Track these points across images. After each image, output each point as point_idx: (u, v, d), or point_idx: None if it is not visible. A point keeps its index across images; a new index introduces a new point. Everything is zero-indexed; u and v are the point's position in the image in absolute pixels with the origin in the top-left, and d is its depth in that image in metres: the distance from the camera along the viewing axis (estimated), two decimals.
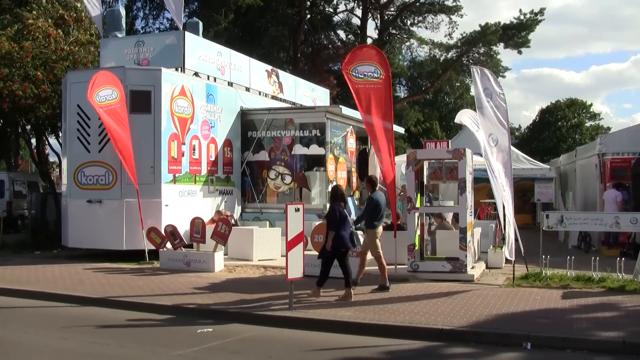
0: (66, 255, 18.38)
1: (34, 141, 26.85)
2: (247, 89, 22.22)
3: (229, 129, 20.29)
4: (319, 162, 20.69)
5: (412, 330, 10.04)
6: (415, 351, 9.38)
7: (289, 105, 24.56)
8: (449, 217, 17.81)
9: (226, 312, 11.39)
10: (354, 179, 23.25)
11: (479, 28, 43.28)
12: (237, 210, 20.51)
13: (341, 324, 10.48)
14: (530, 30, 43.62)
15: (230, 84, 21.22)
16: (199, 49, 19.90)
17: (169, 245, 16.35)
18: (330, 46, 47.77)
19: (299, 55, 44.95)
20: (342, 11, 49.40)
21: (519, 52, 45.40)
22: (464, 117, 18.25)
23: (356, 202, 22.97)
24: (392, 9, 48.19)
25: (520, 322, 10.29)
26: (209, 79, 20.01)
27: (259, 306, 11.66)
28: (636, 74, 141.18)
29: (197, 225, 16.20)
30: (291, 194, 20.52)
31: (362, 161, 24.75)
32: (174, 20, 21.79)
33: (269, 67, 24.41)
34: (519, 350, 9.26)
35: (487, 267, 15.92)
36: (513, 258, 14.06)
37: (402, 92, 54.84)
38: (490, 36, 42.65)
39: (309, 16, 46.23)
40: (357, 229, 13.60)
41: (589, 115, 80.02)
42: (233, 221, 18.38)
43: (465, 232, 14.07)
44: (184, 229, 16.81)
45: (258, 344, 9.82)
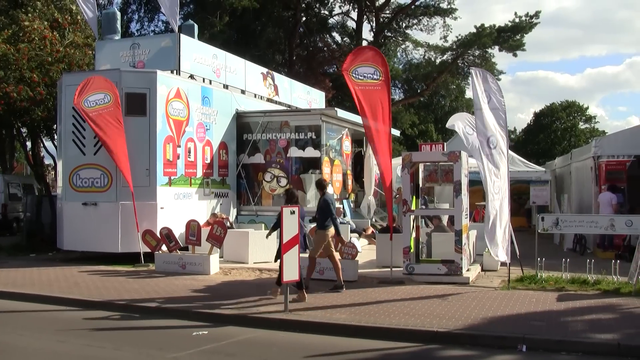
0: (61, 258, 18.35)
1: (29, 144, 26.82)
2: (243, 92, 22.23)
3: (224, 132, 20.29)
4: (314, 164, 20.70)
5: (407, 332, 10.05)
6: (410, 354, 9.39)
7: (285, 108, 24.58)
8: (445, 219, 17.83)
9: (221, 315, 11.39)
10: (349, 182, 23.28)
11: (474, 31, 43.32)
12: (233, 212, 20.50)
13: (337, 326, 10.48)
14: (525, 33, 43.64)
15: (226, 86, 21.22)
16: (195, 51, 19.89)
17: (164, 247, 16.33)
18: (325, 49, 47.80)
19: (294, 57, 44.93)
20: (338, 14, 49.46)
21: (514, 55, 45.43)
22: (456, 122, 18.25)
23: (351, 204, 23.00)
24: (387, 11, 48.20)
25: (515, 324, 10.31)
26: (204, 81, 20.01)
27: (255, 309, 11.65)
28: (631, 77, 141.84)
29: (192, 227, 16.18)
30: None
31: (358, 164, 24.78)
32: (169, 22, 21.78)
33: (264, 70, 24.42)
34: (514, 353, 9.27)
35: (482, 270, 15.94)
36: (507, 260, 14.06)
37: (397, 95, 54.85)
38: (485, 39, 42.67)
39: (304, 19, 46.19)
40: (352, 231, 13.63)
41: (584, 118, 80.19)
42: (228, 224, 18.37)
43: (460, 235, 14.09)
44: (179, 231, 16.79)
45: (253, 346, 9.82)
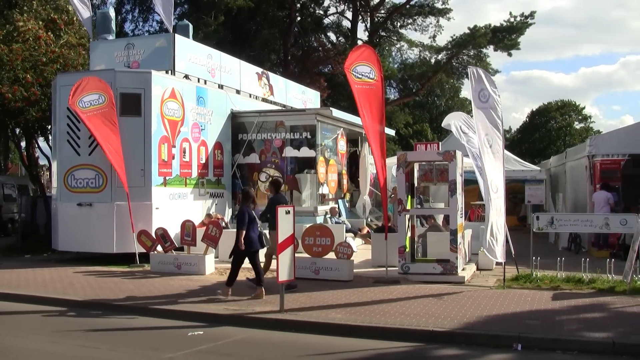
0: (56, 259, 18.32)
1: (23, 144, 26.73)
2: (238, 92, 22.22)
3: (219, 132, 20.28)
4: (309, 164, 20.72)
5: (403, 332, 10.05)
6: (406, 353, 9.38)
7: (280, 108, 24.58)
8: (440, 219, 17.85)
9: (217, 315, 11.37)
10: (344, 181, 23.28)
11: (468, 30, 43.37)
12: (228, 212, 20.50)
13: (332, 326, 10.48)
14: (520, 33, 43.68)
15: (221, 86, 21.21)
16: (189, 51, 19.87)
17: (159, 248, 16.30)
18: (320, 48, 47.84)
19: (289, 57, 44.95)
20: (333, 13, 49.48)
21: (509, 55, 45.46)
22: (451, 122, 18.25)
23: (347, 204, 22.99)
24: (382, 11, 48.26)
25: (510, 323, 10.32)
26: (199, 81, 19.99)
27: (250, 308, 11.64)
28: (625, 76, 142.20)
29: (187, 228, 16.15)
30: None
31: (353, 163, 24.79)
32: (163, 22, 21.74)
33: (259, 70, 24.42)
34: (509, 352, 9.28)
35: (477, 269, 15.94)
36: (503, 260, 14.08)
37: (392, 94, 54.94)
38: (480, 39, 42.71)
39: (299, 18, 46.23)
40: (347, 230, 13.64)
41: (579, 118, 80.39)
42: (224, 224, 18.34)
43: (456, 234, 14.09)
44: (174, 231, 16.76)
45: (249, 346, 9.82)
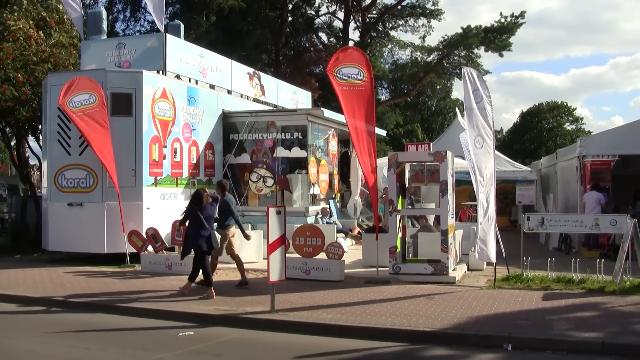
0: (47, 259, 18.26)
1: (13, 144, 26.63)
2: (229, 92, 22.20)
3: (210, 132, 20.26)
4: (300, 164, 20.72)
5: (393, 332, 10.06)
6: (396, 353, 9.39)
7: (271, 108, 24.57)
8: (431, 219, 17.87)
9: (207, 315, 11.37)
10: (335, 182, 23.29)
11: (459, 31, 43.47)
12: None
13: (323, 326, 10.48)
14: (511, 33, 43.79)
15: (212, 86, 21.19)
16: (181, 51, 19.84)
17: (150, 248, 16.27)
18: (312, 49, 47.83)
19: (280, 57, 44.95)
20: (324, 14, 49.48)
21: (500, 55, 45.54)
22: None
23: (338, 204, 23.00)
24: (373, 11, 48.31)
25: (501, 323, 10.34)
26: (190, 81, 19.96)
27: (241, 309, 11.63)
28: (614, 77, 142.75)
29: (178, 228, 16.13)
30: (273, 197, 20.53)
31: (344, 164, 24.79)
32: (155, 22, 21.71)
33: (250, 70, 24.40)
34: (500, 352, 9.30)
35: (468, 269, 15.98)
36: (494, 260, 14.12)
37: (383, 95, 54.99)
38: (471, 39, 42.80)
39: (290, 19, 46.23)
40: (338, 231, 13.65)
41: (570, 119, 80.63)
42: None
43: (446, 235, 14.12)
44: (165, 232, 16.74)
45: (240, 347, 9.82)
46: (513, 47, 44.44)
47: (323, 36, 51.13)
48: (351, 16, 47.74)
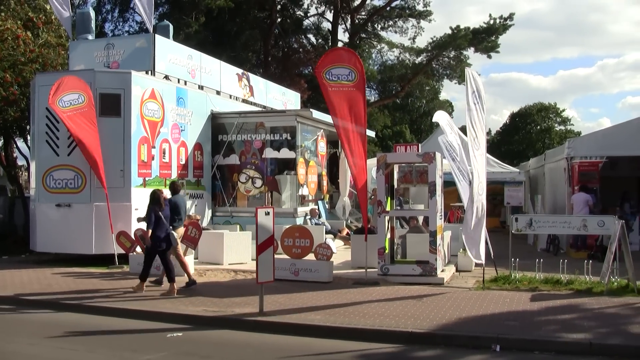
0: (34, 260, 18.19)
1: (1, 144, 26.52)
2: (218, 93, 22.17)
3: (199, 133, 20.23)
4: (289, 165, 20.71)
5: (382, 333, 10.08)
6: (385, 354, 9.41)
7: (260, 109, 24.55)
8: (420, 220, 17.89)
9: (196, 317, 11.35)
10: (324, 183, 23.29)
11: (448, 32, 43.54)
12: (208, 214, 20.45)
13: (311, 327, 10.49)
14: (499, 34, 43.90)
15: (201, 87, 21.16)
16: (170, 52, 19.81)
17: (138, 249, 16.21)
18: (300, 50, 47.80)
19: (269, 58, 44.89)
20: (313, 15, 49.45)
21: (489, 57, 45.59)
22: (441, 118, 18.27)
23: (327, 205, 23.00)
24: (362, 13, 48.32)
25: (489, 324, 10.37)
26: (179, 82, 19.93)
27: (230, 310, 11.62)
28: (602, 79, 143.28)
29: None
30: (262, 198, 20.51)
31: (333, 165, 24.80)
32: (143, 23, 21.66)
33: (239, 71, 24.37)
34: (488, 353, 9.33)
35: (457, 270, 16.02)
36: (483, 261, 14.16)
37: (372, 96, 54.99)
38: (460, 40, 42.86)
39: (279, 20, 46.18)
40: (327, 232, 13.66)
41: (559, 120, 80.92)
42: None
43: (435, 236, 14.14)
44: None
45: (228, 348, 9.81)
46: (501, 49, 44.57)
47: (312, 37, 51.16)
48: (340, 17, 47.74)
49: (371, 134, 28.52)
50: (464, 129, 15.53)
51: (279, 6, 45.61)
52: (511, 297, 12.58)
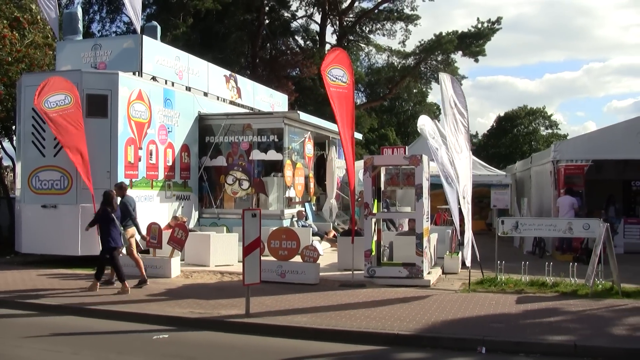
0: (20, 261, 18.09)
1: None
2: (205, 94, 22.13)
3: (186, 134, 20.19)
4: (276, 167, 20.71)
5: (368, 335, 10.09)
6: (371, 356, 9.42)
7: (247, 111, 24.52)
8: (406, 222, 17.94)
9: (182, 318, 11.33)
10: (311, 185, 23.30)
11: (436, 36, 43.71)
12: (195, 215, 20.41)
13: (298, 329, 10.49)
14: (487, 39, 44.19)
15: (188, 88, 21.11)
16: (157, 53, 19.76)
17: (124, 251, 16.16)
18: (288, 52, 47.79)
19: (257, 60, 44.89)
20: (301, 17, 49.52)
21: (476, 60, 45.92)
22: (424, 123, 18.35)
23: (313, 207, 23.01)
24: (350, 15, 48.42)
25: (475, 326, 10.40)
26: (166, 83, 19.88)
27: (216, 312, 11.61)
28: (588, 83, 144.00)
29: (153, 230, 16.06)
30: (249, 200, 20.49)
31: (320, 167, 24.81)
32: (131, 23, 21.61)
33: (227, 72, 24.34)
34: (473, 355, 9.37)
35: (443, 273, 16.06)
36: (469, 263, 14.21)
37: (360, 99, 55.08)
38: (447, 44, 43.09)
39: (267, 22, 46.19)
40: (314, 234, 13.67)
41: (547, 123, 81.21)
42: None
43: (421, 238, 14.17)
44: None
45: (214, 350, 9.79)
46: (488, 52, 45.03)
47: (300, 39, 51.21)
48: (328, 19, 47.85)
49: (358, 136, 28.57)
50: None
51: (267, 8, 45.62)
52: (497, 300, 12.63)
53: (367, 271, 14.41)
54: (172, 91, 19.71)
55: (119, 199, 14.72)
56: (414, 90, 60.96)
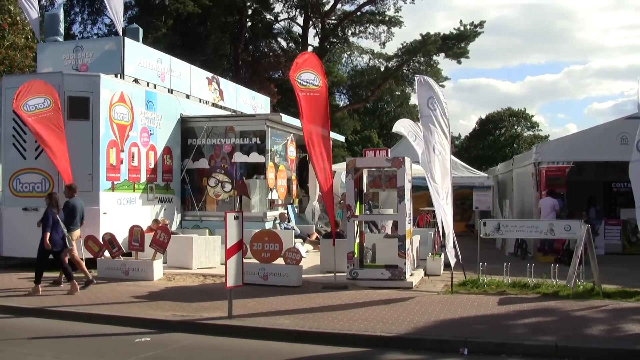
0: (1, 265, 17.96)
1: None
2: (188, 96, 22.08)
3: (168, 137, 20.13)
4: (259, 170, 20.68)
5: (351, 337, 10.10)
6: (354, 358, 9.44)
7: (230, 113, 24.48)
8: (389, 225, 17.96)
9: (164, 321, 11.28)
10: (294, 187, 23.29)
11: (418, 38, 43.91)
12: (177, 218, 20.36)
13: (280, 331, 10.48)
14: (469, 41, 44.36)
15: (171, 91, 21.05)
16: (139, 55, 19.69)
17: (107, 253, 16.10)
18: (271, 54, 47.82)
19: (240, 62, 44.87)
20: (284, 19, 49.54)
21: (459, 62, 46.14)
22: (403, 126, 18.44)
23: (296, 210, 23.00)
24: (333, 17, 48.48)
25: (457, 328, 10.44)
26: (148, 85, 19.81)
27: (198, 315, 11.58)
28: (569, 85, 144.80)
29: (135, 233, 16.02)
30: (231, 202, 20.46)
31: (303, 169, 24.81)
32: (112, 25, 21.54)
33: (209, 75, 24.30)
34: (456, 356, 9.40)
35: (425, 274, 16.10)
36: (453, 264, 14.26)
37: (342, 101, 55.14)
38: (430, 46, 43.23)
39: (250, 24, 46.17)
40: (296, 236, 13.67)
41: (528, 125, 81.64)
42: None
43: (404, 240, 14.21)
44: (122, 237, 16.60)
45: (197, 353, 9.77)
46: (470, 54, 45.06)
47: (282, 41, 51.24)
48: (310, 22, 47.89)
49: (340, 138, 28.60)
50: None
51: (249, 10, 45.60)
52: (479, 301, 12.68)
53: (350, 273, 14.43)
54: (154, 93, 19.64)
55: (67, 197, 15.02)
56: (397, 93, 61.08)
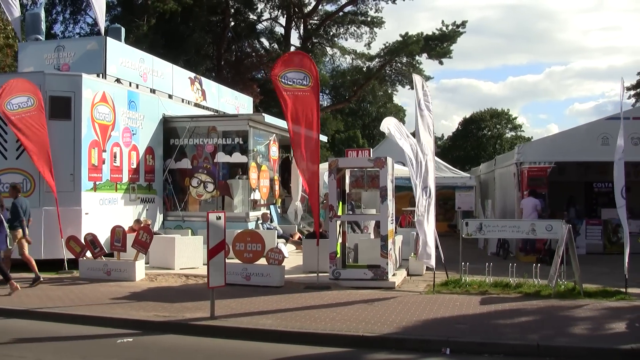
0: None
1: None
2: (170, 96, 22.02)
3: (151, 136, 20.07)
4: (241, 170, 20.65)
5: (334, 337, 10.11)
6: (337, 358, 9.45)
7: (212, 113, 24.44)
8: (371, 225, 17.97)
9: (147, 322, 11.25)
10: (276, 187, 23.29)
11: (400, 38, 43.92)
12: (159, 218, 20.30)
13: (263, 332, 10.47)
14: (452, 41, 44.48)
15: (153, 90, 21.00)
16: (121, 55, 19.63)
17: (89, 254, 16.04)
18: (253, 54, 47.79)
19: (222, 62, 44.79)
20: (266, 19, 49.51)
21: (441, 63, 46.26)
22: (389, 124, 18.44)
23: (279, 210, 22.99)
24: (315, 18, 48.49)
25: (440, 327, 10.48)
26: (131, 85, 19.75)
27: (181, 315, 11.55)
28: (550, 86, 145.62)
29: (117, 233, 15.97)
30: (213, 202, 20.42)
31: (285, 169, 24.81)
32: (94, 25, 21.48)
33: (192, 74, 24.26)
34: (438, 356, 9.43)
35: (408, 275, 16.15)
36: (433, 265, 14.31)
37: (325, 101, 55.17)
38: (412, 46, 43.29)
39: (232, 24, 46.10)
40: (279, 236, 13.64)
41: (510, 126, 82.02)
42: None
43: (386, 240, 14.24)
44: (104, 237, 16.54)
45: (179, 353, 9.74)
46: (453, 55, 45.19)
47: (265, 41, 51.19)
48: (293, 22, 47.87)
49: (323, 138, 28.61)
50: (414, 135, 15.65)
51: (232, 10, 45.52)
52: (461, 301, 12.73)
53: (332, 273, 14.45)
54: (136, 93, 19.58)
55: (11, 197, 15.08)
56: (379, 93, 61.16)
